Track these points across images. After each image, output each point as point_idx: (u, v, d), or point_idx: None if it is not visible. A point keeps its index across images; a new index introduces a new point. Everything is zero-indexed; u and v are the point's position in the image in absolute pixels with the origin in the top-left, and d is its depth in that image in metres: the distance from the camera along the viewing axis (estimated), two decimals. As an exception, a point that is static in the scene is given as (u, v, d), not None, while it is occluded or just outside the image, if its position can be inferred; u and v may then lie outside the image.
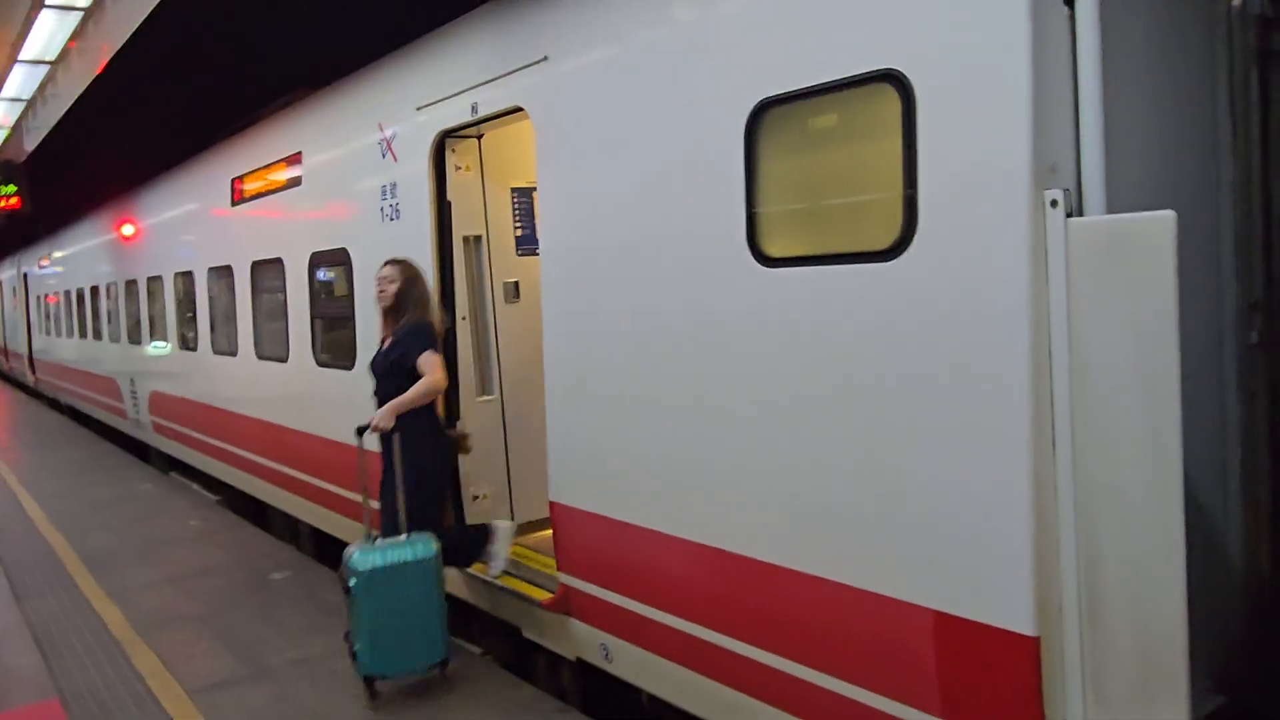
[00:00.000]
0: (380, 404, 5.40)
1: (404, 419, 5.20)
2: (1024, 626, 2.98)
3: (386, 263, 5.60)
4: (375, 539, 5.12)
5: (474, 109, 5.40)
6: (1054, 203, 2.89)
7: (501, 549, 5.64)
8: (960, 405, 3.10)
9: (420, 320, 5.45)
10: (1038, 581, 2.96)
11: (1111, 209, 2.94)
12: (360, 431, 5.24)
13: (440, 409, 5.63)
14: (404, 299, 5.47)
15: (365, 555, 4.99)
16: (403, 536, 5.13)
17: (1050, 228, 2.90)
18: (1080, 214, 2.94)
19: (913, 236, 3.18)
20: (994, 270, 2.99)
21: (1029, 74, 2.87)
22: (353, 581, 4.95)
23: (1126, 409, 2.81)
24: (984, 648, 3.09)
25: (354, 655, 5.08)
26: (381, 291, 5.52)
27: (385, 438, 5.28)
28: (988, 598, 3.07)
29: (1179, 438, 2.71)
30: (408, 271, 5.55)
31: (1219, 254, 3.45)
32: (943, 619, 3.20)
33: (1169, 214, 2.67)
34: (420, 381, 5.22)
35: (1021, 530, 2.97)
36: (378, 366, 5.54)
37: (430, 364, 5.26)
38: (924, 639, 3.26)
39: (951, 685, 3.21)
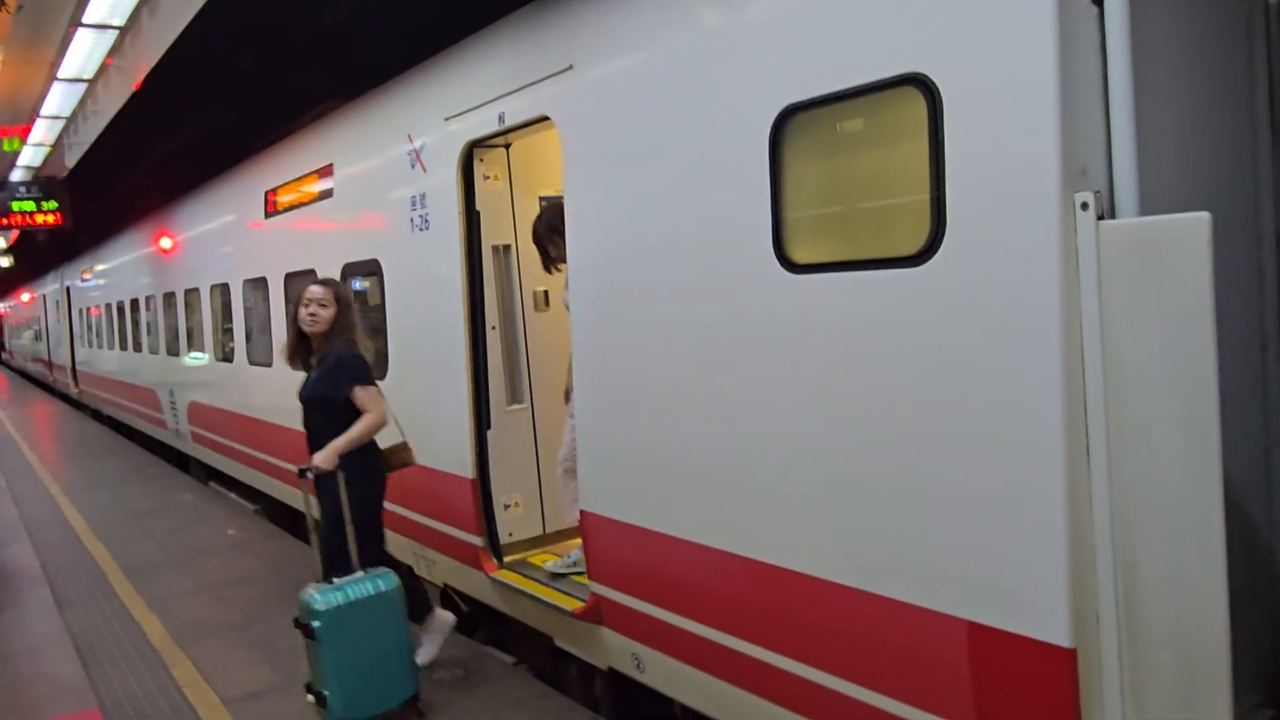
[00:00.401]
0: (309, 436, 5.32)
1: (344, 457, 5.10)
2: (1060, 638, 2.92)
3: (317, 283, 5.43)
4: (332, 580, 4.95)
5: (501, 119, 5.41)
6: (1085, 205, 2.83)
7: (434, 638, 5.58)
8: (992, 412, 3.05)
9: (350, 350, 5.31)
10: (1074, 592, 2.90)
11: (1144, 211, 2.88)
12: (302, 474, 5.10)
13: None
14: (335, 325, 5.30)
15: (326, 595, 4.82)
16: (359, 573, 5.00)
17: (1081, 231, 2.84)
18: (1112, 216, 2.88)
19: (941, 241, 3.13)
20: (1024, 275, 2.93)
21: (1057, 74, 2.82)
22: (316, 624, 4.78)
23: (1163, 414, 2.75)
24: (1019, 660, 3.03)
25: (322, 702, 4.84)
26: (313, 316, 5.29)
27: (323, 477, 5.14)
28: (1022, 608, 3.02)
29: (1218, 442, 2.64)
30: (341, 294, 5.41)
31: (1259, 256, 3.37)
32: (977, 630, 3.14)
33: (1204, 215, 2.61)
34: (362, 419, 5.14)
35: (1056, 539, 2.91)
36: (305, 396, 5.38)
37: (370, 400, 5.18)
38: (958, 650, 3.20)
39: (986, 698, 3.15)
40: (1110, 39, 2.87)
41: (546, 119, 5.08)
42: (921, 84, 3.15)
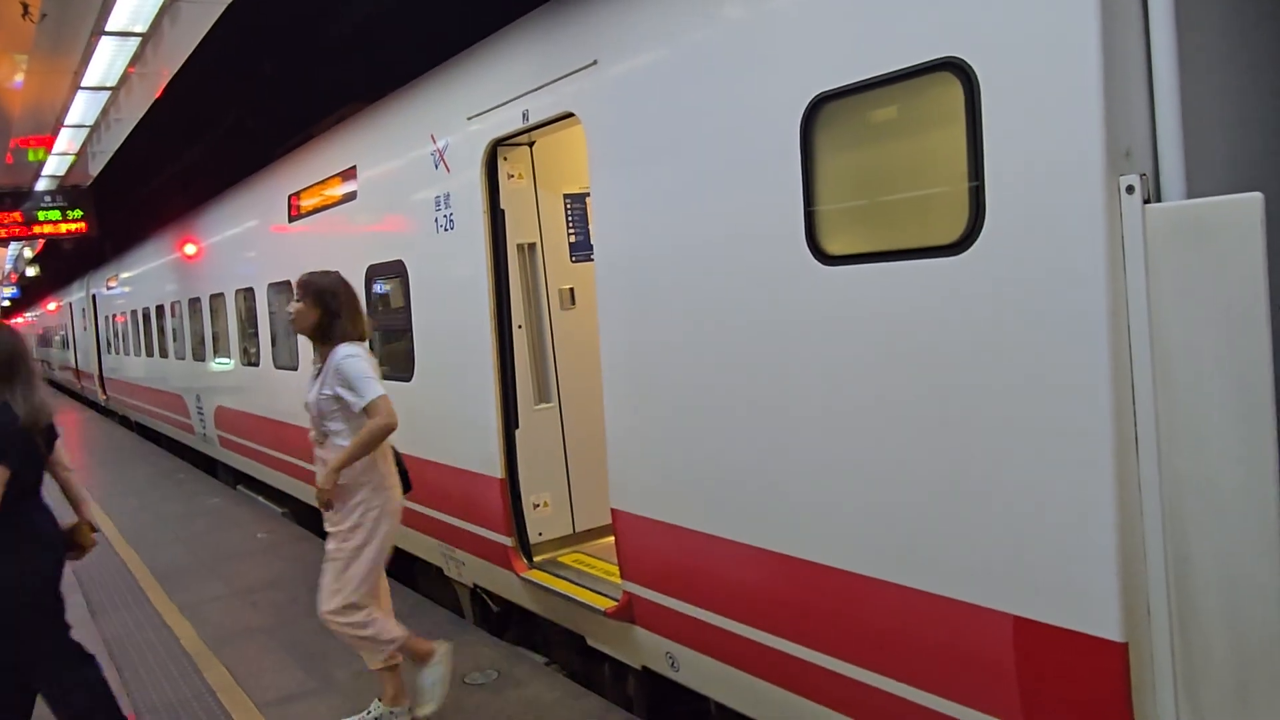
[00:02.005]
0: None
1: None
2: (1111, 632, 2.85)
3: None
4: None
5: (525, 116, 5.38)
6: (1130, 188, 2.76)
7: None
8: (1037, 402, 2.98)
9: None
10: (1124, 584, 2.83)
11: (1192, 194, 2.80)
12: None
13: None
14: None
15: None
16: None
17: (1126, 215, 2.77)
18: (1158, 199, 2.81)
19: (980, 229, 3.07)
20: (1068, 261, 2.87)
21: (1099, 54, 2.75)
22: None
23: (1214, 402, 2.67)
24: (1069, 655, 2.96)
25: None
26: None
27: None
28: (1072, 602, 2.95)
29: (1274, 429, 2.56)
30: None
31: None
32: (1024, 625, 3.08)
33: (1256, 196, 2.53)
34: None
35: (1106, 531, 2.84)
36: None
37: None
38: (1004, 646, 3.14)
39: (1034, 694, 3.09)
40: (1154, 16, 2.80)
41: (571, 116, 5.04)
42: (958, 68, 3.09)
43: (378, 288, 7.61)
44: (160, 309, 15.73)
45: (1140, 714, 2.87)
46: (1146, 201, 2.76)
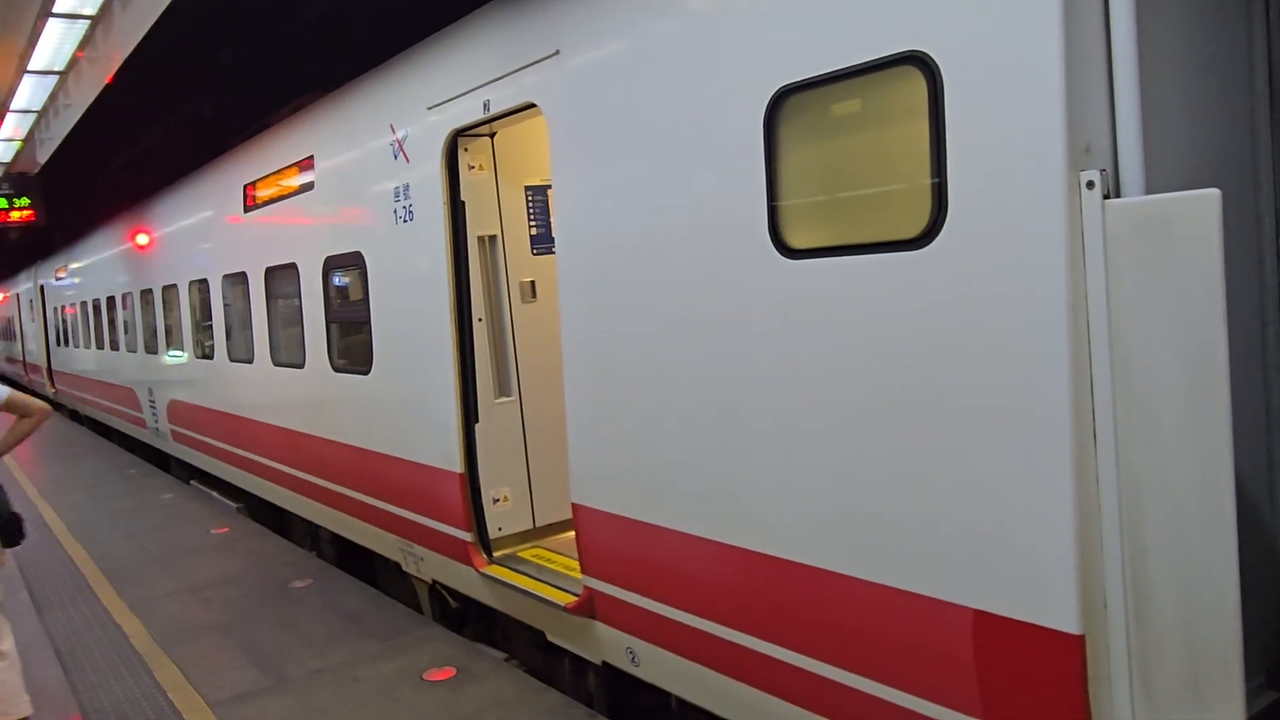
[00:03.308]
0: None
1: None
2: (1068, 624, 2.88)
3: None
4: None
5: (486, 107, 5.32)
6: (1090, 184, 2.78)
7: None
8: (997, 396, 3.00)
9: None
10: (1081, 577, 2.85)
11: (1150, 190, 2.83)
12: None
13: None
14: None
15: None
16: None
17: (1087, 210, 2.79)
18: (1118, 195, 2.83)
19: (943, 223, 3.07)
20: (1029, 256, 2.88)
21: (1061, 51, 2.76)
22: None
23: (1172, 397, 2.70)
24: (1026, 647, 2.98)
25: None
26: None
27: None
28: (1029, 595, 2.97)
29: (1229, 424, 2.60)
30: None
31: (1259, 233, 3.33)
32: (982, 618, 3.09)
33: (1214, 192, 2.56)
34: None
35: (1063, 524, 2.86)
36: None
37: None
38: (963, 639, 3.15)
39: (992, 686, 3.11)
40: (1114, 14, 2.82)
41: (533, 106, 4.99)
42: (921, 62, 3.09)
43: (336, 280, 7.50)
44: (111, 300, 15.40)
45: (1096, 705, 2.90)
46: (1106, 197, 2.78)
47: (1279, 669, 3.35)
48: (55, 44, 10.09)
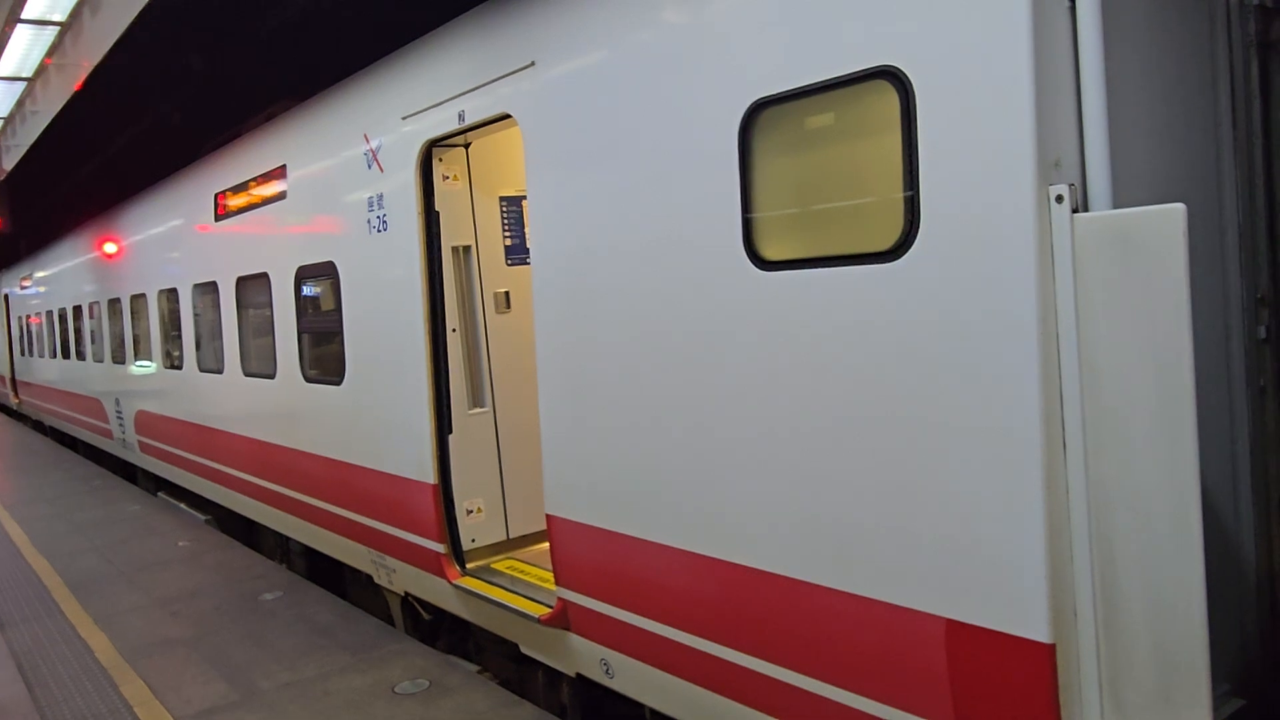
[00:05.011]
0: None
1: None
2: (1038, 633, 2.90)
3: None
4: None
5: (461, 117, 5.31)
6: (1059, 198, 2.82)
7: None
8: (968, 407, 3.03)
9: None
10: (1052, 587, 2.88)
11: (1117, 204, 2.88)
12: None
13: None
14: None
15: None
16: None
17: (1056, 223, 2.83)
18: (1086, 209, 2.88)
19: (915, 236, 3.11)
20: (999, 268, 2.92)
21: (1030, 67, 2.81)
22: None
23: (1139, 407, 2.74)
24: (997, 656, 3.01)
25: None
26: None
27: None
28: (1000, 604, 2.99)
29: (1194, 436, 2.64)
30: None
31: (1223, 247, 3.39)
32: (954, 627, 3.12)
33: (1179, 207, 2.61)
34: None
35: (1034, 534, 2.89)
36: None
37: None
38: (935, 648, 3.17)
39: (964, 696, 3.13)
40: (1082, 32, 2.87)
41: (508, 117, 4.99)
42: (893, 77, 3.13)
43: (308, 289, 7.45)
44: (78, 310, 15.19)
45: (1067, 713, 2.92)
46: (1075, 211, 2.82)
47: (1245, 676, 3.40)
48: (23, 50, 9.98)
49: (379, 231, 6.19)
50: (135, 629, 6.87)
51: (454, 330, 5.92)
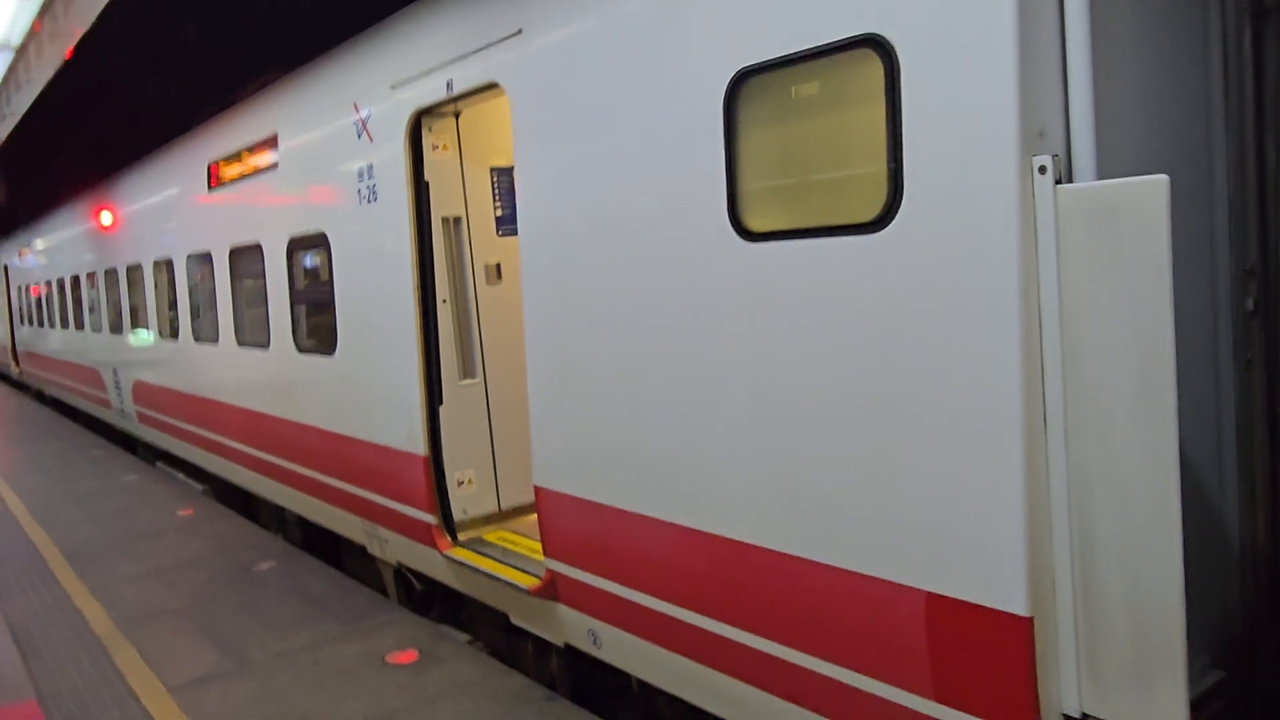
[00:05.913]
0: None
1: None
2: (1017, 607, 2.90)
3: None
4: None
5: (449, 86, 5.26)
6: (1042, 169, 2.78)
7: None
8: (951, 381, 3.01)
9: None
10: (1031, 561, 2.88)
11: (1102, 175, 2.84)
12: None
13: None
14: None
15: None
16: None
17: (1039, 195, 2.80)
18: (1070, 180, 2.84)
19: (899, 206, 3.07)
20: (982, 239, 2.88)
21: (1015, 36, 2.76)
22: None
23: (1120, 382, 2.72)
24: (976, 629, 3.01)
25: None
26: None
27: None
28: (980, 578, 2.99)
29: (1174, 410, 2.62)
30: None
31: (1212, 219, 3.36)
32: (934, 600, 3.12)
33: (1162, 178, 2.57)
34: None
35: (1014, 508, 2.88)
36: None
37: None
38: (915, 621, 3.18)
39: (943, 667, 3.13)
40: (1068, 1, 2.82)
41: (496, 86, 4.93)
42: (878, 45, 3.08)
43: (300, 260, 7.41)
44: (75, 280, 15.17)
45: (1044, 685, 2.93)
46: (1058, 182, 2.78)
47: (1226, 648, 3.41)
48: (11, 17, 9.89)
49: (369, 202, 6.15)
50: (130, 599, 6.91)
51: (444, 301, 5.90)
